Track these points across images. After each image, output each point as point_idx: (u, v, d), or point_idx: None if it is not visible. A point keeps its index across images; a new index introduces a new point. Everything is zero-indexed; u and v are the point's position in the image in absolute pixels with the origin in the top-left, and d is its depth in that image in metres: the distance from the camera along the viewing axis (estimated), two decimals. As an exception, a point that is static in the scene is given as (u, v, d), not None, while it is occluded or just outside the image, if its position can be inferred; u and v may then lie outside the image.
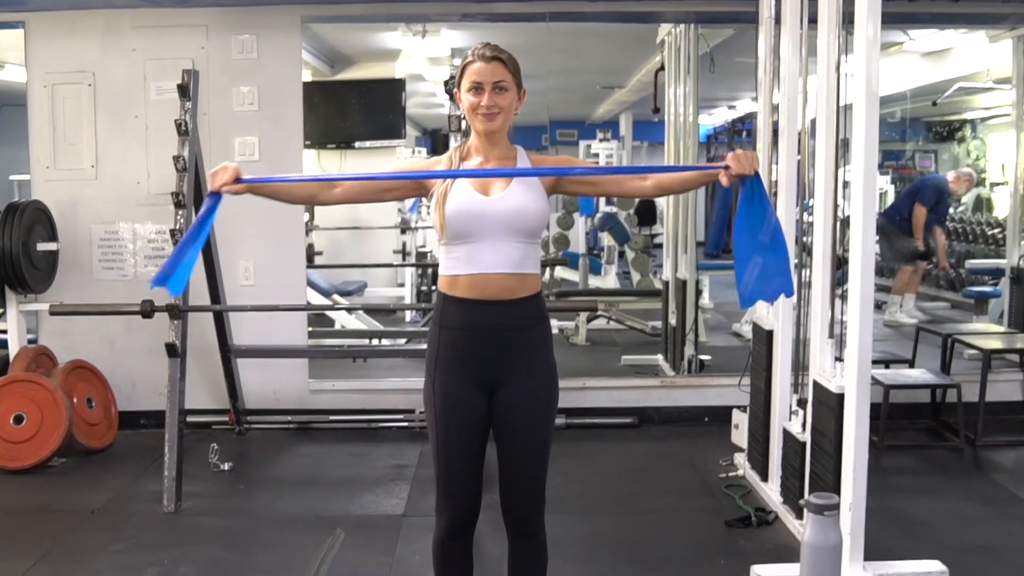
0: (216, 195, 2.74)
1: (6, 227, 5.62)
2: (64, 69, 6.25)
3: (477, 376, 2.93)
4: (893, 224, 9.15)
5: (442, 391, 2.96)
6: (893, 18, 4.04)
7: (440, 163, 3.00)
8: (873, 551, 3.92)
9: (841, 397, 3.95)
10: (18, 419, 5.48)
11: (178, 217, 5.23)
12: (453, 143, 5.29)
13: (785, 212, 4.84)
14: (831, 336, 4.24)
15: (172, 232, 5.23)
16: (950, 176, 9.57)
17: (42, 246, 5.90)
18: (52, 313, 5.62)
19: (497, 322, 2.90)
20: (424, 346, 3.12)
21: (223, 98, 6.24)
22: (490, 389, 2.93)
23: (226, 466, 5.56)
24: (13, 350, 5.89)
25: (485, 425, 2.96)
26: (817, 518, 2.94)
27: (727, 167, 2.74)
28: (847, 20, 3.95)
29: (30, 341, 6.16)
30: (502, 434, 2.96)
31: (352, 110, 9.93)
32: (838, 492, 3.93)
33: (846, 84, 4.07)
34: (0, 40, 7.24)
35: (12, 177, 9.77)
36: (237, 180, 2.73)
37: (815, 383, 4.28)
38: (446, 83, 5.34)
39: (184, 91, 5.33)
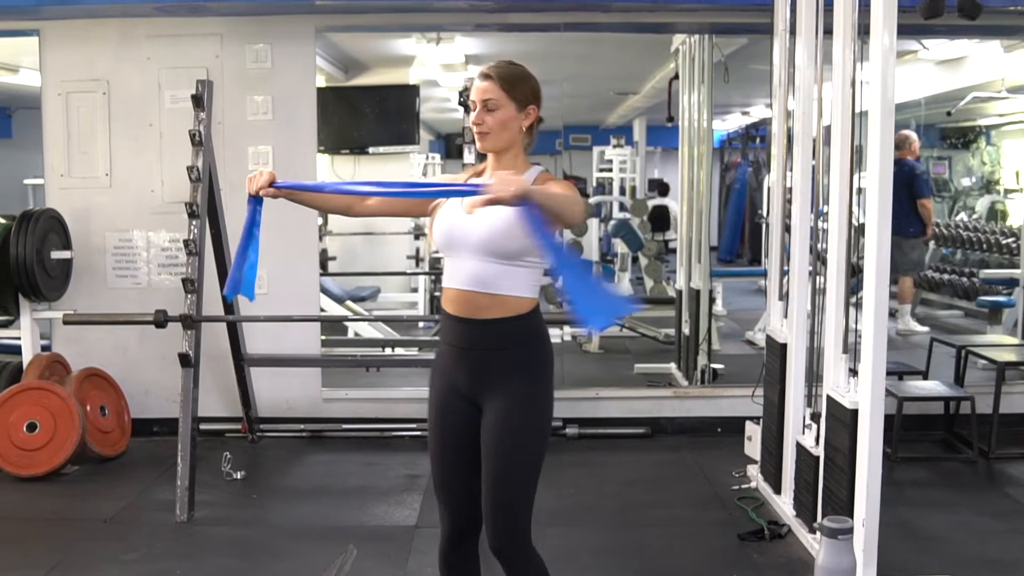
0: (256, 199, 2.78)
1: (20, 235, 5.64)
2: (79, 77, 6.28)
3: (460, 390, 2.94)
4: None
5: (434, 401, 3.01)
6: (908, 29, 4.02)
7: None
8: (886, 566, 3.91)
9: (855, 413, 3.93)
10: (31, 427, 5.50)
11: (192, 227, 5.24)
12: (467, 154, 5.29)
13: (800, 219, 4.84)
14: (845, 351, 4.22)
15: (186, 242, 5.24)
16: (905, 150, 9.25)
17: (56, 254, 5.91)
18: (66, 322, 5.64)
19: (471, 340, 2.90)
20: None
21: (237, 107, 6.25)
22: (477, 404, 2.93)
23: (239, 475, 5.56)
24: (27, 358, 5.91)
25: (477, 436, 2.93)
26: (831, 542, 2.93)
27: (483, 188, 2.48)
28: (862, 31, 3.94)
29: (44, 348, 6.18)
30: (482, 454, 2.92)
31: (366, 116, 9.91)
32: (851, 507, 3.92)
33: (861, 92, 4.07)
34: (14, 45, 7.27)
35: (26, 181, 9.80)
36: (271, 185, 2.85)
37: (829, 398, 4.26)
38: (461, 93, 5.34)
39: (198, 102, 5.34)
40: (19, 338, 5.99)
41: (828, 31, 4.42)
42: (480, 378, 2.90)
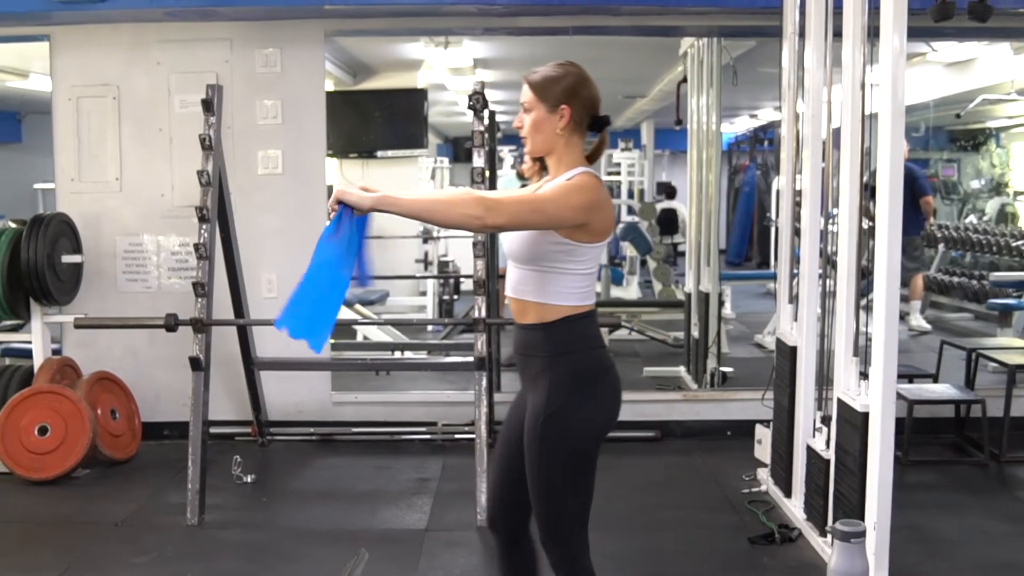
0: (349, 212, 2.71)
1: (32, 240, 5.65)
2: (89, 82, 6.30)
3: (522, 389, 3.03)
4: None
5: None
6: (918, 31, 4.02)
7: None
8: (898, 570, 3.90)
9: (866, 416, 3.92)
10: (42, 430, 5.51)
11: (202, 231, 5.25)
12: (476, 158, 5.29)
13: (810, 222, 4.84)
14: (856, 354, 4.22)
15: (196, 246, 5.24)
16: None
17: (67, 258, 5.93)
18: (77, 326, 5.64)
19: (517, 343, 2.99)
20: (445, 359, 3.16)
21: (247, 111, 6.27)
22: (525, 406, 2.98)
23: (249, 478, 5.57)
24: (38, 361, 5.92)
25: (521, 437, 2.96)
26: (844, 545, 2.92)
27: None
28: (872, 33, 3.94)
29: (55, 352, 6.19)
30: None
31: (374, 120, 9.93)
32: (863, 511, 3.92)
33: (871, 94, 4.07)
34: (24, 50, 7.30)
35: (36, 185, 9.83)
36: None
37: (840, 401, 4.25)
38: (470, 97, 5.33)
39: (208, 106, 5.34)
40: (30, 342, 6.00)
41: (837, 34, 4.41)
42: (524, 381, 2.99)
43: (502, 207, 2.67)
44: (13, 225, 5.85)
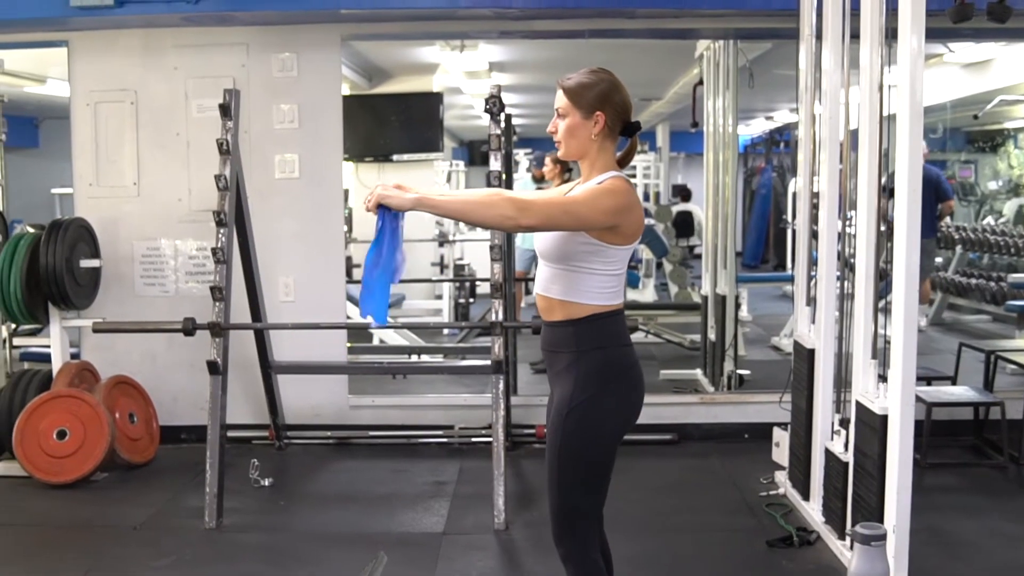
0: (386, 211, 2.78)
1: (50, 244, 5.68)
2: (106, 87, 6.32)
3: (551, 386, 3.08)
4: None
5: None
6: (935, 32, 4.00)
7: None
8: (916, 572, 3.88)
9: (885, 419, 3.91)
10: (61, 434, 5.54)
11: (219, 235, 5.26)
12: (492, 161, 5.30)
13: (827, 224, 4.82)
14: (874, 357, 4.20)
15: (214, 250, 5.26)
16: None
17: (85, 263, 5.95)
18: (95, 330, 5.66)
19: (543, 340, 3.05)
20: (462, 362, 3.20)
21: (263, 116, 6.29)
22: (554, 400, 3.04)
23: (266, 481, 5.58)
24: (56, 366, 5.94)
25: None
26: (864, 548, 2.92)
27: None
28: (890, 35, 3.93)
29: (73, 356, 6.22)
30: None
31: (390, 124, 9.96)
32: (881, 514, 3.90)
33: (889, 96, 4.06)
34: (42, 56, 7.34)
35: (54, 190, 9.87)
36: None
37: (858, 404, 4.24)
38: (486, 100, 5.33)
39: (225, 110, 5.36)
40: (49, 346, 6.02)
41: (854, 35, 4.41)
42: (551, 377, 3.04)
43: (534, 209, 2.74)
44: (31, 230, 5.87)
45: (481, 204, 2.76)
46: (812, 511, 4.84)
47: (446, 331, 10.26)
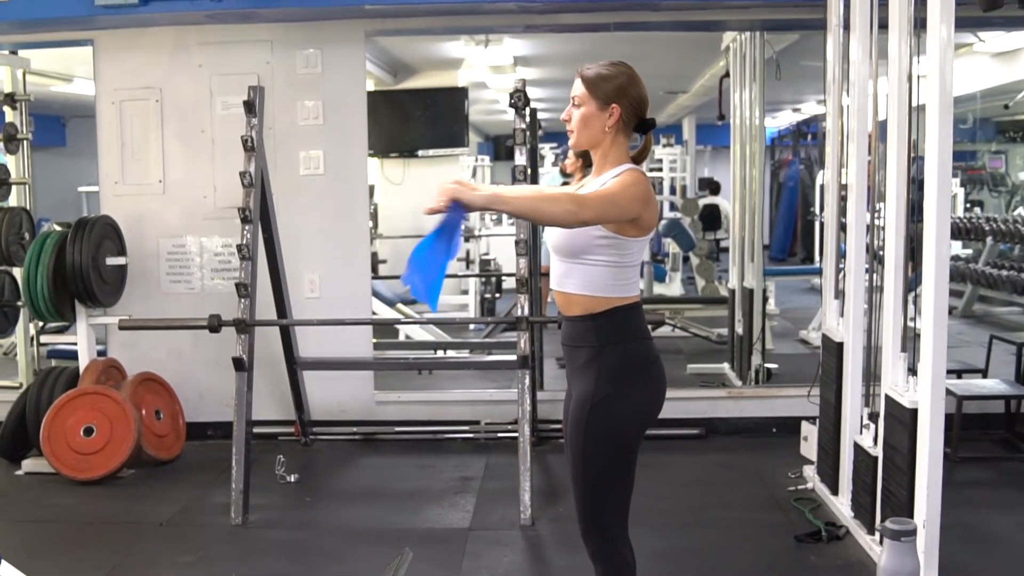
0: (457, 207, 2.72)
1: (76, 242, 5.70)
2: (132, 85, 6.34)
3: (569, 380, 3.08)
4: None
5: None
6: (965, 21, 3.96)
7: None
8: (947, 568, 3.83)
9: (915, 412, 3.86)
10: (88, 431, 5.56)
11: (245, 232, 5.27)
12: (518, 155, 5.28)
13: (856, 216, 4.77)
14: (904, 350, 4.15)
15: (239, 247, 5.26)
16: None
17: (111, 260, 5.97)
18: (122, 328, 5.68)
19: (563, 335, 3.03)
20: (488, 357, 3.18)
21: (288, 112, 6.29)
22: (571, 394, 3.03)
23: (292, 478, 5.59)
24: (83, 363, 5.96)
25: None
26: (894, 544, 2.87)
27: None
28: (918, 24, 3.88)
29: (100, 353, 6.24)
30: None
31: (415, 119, 9.95)
32: (911, 509, 3.86)
33: (918, 86, 4.01)
34: (68, 55, 7.38)
35: (80, 188, 9.94)
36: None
37: (887, 397, 4.19)
38: (512, 95, 5.31)
39: (250, 107, 5.36)
40: (76, 343, 6.05)
41: (882, 25, 4.36)
42: (569, 372, 3.02)
43: (589, 202, 2.77)
44: (58, 228, 5.90)
45: (547, 201, 2.77)
46: (841, 506, 4.80)
47: (472, 326, 10.25)
